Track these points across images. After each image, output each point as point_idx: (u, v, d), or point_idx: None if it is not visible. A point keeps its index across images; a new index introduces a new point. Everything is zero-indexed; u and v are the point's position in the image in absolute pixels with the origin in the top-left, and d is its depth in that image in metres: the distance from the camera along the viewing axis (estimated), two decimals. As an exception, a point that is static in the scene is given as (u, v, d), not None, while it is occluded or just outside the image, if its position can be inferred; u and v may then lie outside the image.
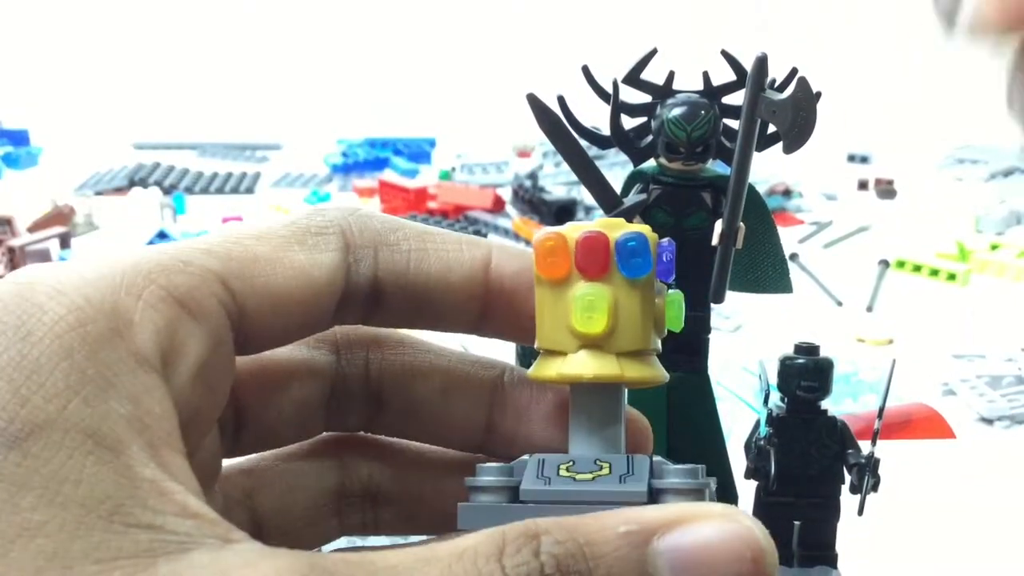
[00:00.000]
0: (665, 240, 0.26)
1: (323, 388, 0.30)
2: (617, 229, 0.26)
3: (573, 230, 0.26)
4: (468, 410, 0.30)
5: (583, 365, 0.26)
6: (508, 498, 0.25)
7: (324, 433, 0.31)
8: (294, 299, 0.26)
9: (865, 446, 0.40)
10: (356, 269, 0.27)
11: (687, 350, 0.34)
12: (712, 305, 0.41)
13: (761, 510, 0.40)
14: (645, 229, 0.26)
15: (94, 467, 0.20)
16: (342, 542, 0.42)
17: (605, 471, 0.25)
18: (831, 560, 0.41)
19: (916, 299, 1.10)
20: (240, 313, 0.25)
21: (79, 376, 0.21)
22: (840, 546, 0.41)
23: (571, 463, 0.25)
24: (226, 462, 0.29)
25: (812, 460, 0.40)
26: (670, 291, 0.27)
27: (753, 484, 0.41)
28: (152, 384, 0.22)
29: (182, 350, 0.23)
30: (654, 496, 0.24)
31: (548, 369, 0.26)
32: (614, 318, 0.26)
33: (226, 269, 0.24)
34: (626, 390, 0.27)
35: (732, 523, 0.22)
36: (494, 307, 0.28)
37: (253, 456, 0.30)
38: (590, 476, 0.25)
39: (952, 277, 1.13)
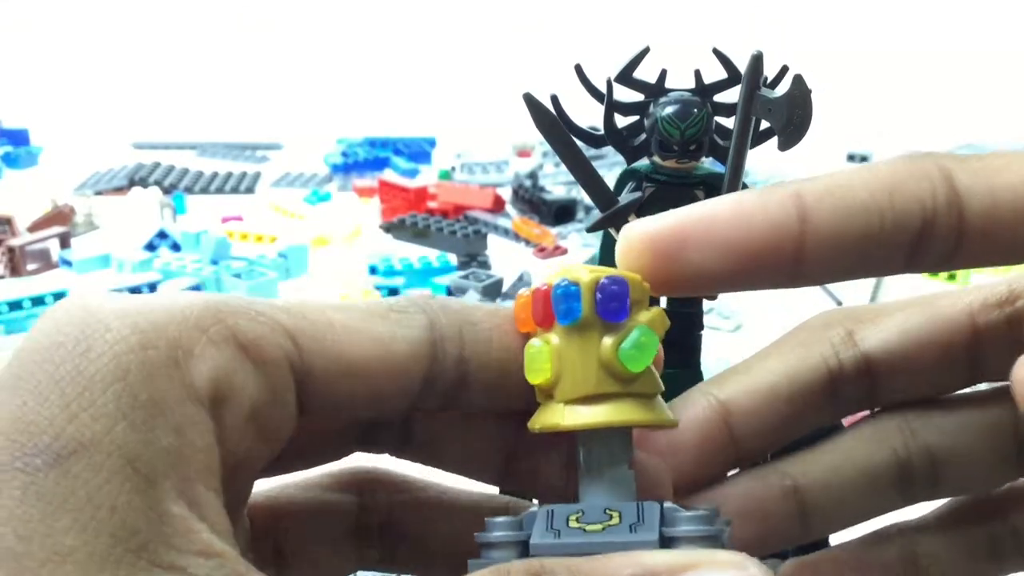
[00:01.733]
0: (606, 278, 0.25)
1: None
2: (562, 277, 0.25)
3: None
4: (489, 443, 0.30)
5: (535, 418, 0.26)
6: (518, 553, 0.25)
7: (350, 462, 0.31)
8: (370, 368, 0.25)
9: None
10: (443, 347, 0.26)
11: (680, 347, 0.34)
12: (707, 302, 0.41)
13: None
14: (589, 271, 0.25)
15: (129, 496, 0.20)
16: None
17: (615, 520, 0.25)
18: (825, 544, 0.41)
19: (916, 298, 1.09)
20: (306, 371, 0.24)
21: (130, 399, 0.21)
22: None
23: (580, 513, 0.25)
24: (253, 490, 0.29)
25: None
26: (635, 331, 0.25)
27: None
28: (198, 418, 0.22)
29: (236, 392, 0.23)
30: (666, 544, 0.24)
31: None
32: (556, 367, 0.25)
33: (297, 327, 0.24)
34: (631, 436, 0.27)
35: (741, 571, 0.22)
36: None
37: (276, 486, 0.30)
38: (600, 527, 0.24)
39: (952, 277, 1.13)
